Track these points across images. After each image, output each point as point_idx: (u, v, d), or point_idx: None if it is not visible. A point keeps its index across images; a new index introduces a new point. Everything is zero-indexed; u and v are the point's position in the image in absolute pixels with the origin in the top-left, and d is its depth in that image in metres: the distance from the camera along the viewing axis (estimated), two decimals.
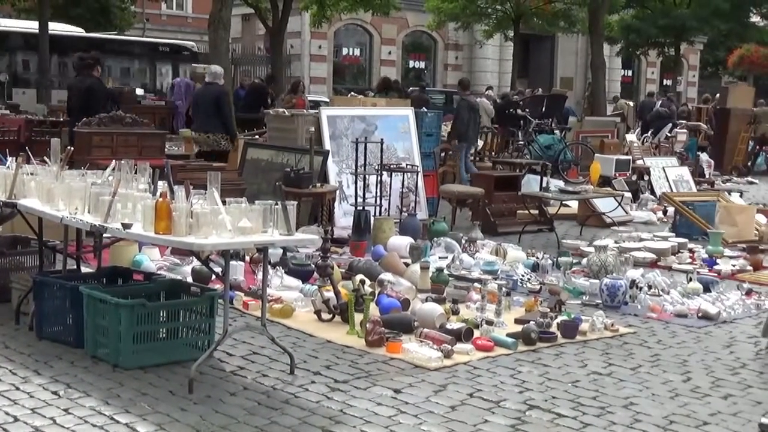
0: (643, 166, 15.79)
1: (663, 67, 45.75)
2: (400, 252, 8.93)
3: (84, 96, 11.88)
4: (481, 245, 9.84)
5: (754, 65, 31.06)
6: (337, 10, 26.94)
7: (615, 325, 6.99)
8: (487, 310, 6.99)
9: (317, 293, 7.04)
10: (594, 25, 24.73)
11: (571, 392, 5.49)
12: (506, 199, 12.00)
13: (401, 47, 40.82)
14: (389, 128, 11.59)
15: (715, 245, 10.28)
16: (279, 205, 5.33)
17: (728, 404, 5.42)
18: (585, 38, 33.80)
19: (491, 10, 31.22)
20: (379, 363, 5.89)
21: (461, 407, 5.13)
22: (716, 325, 7.33)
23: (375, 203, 10.60)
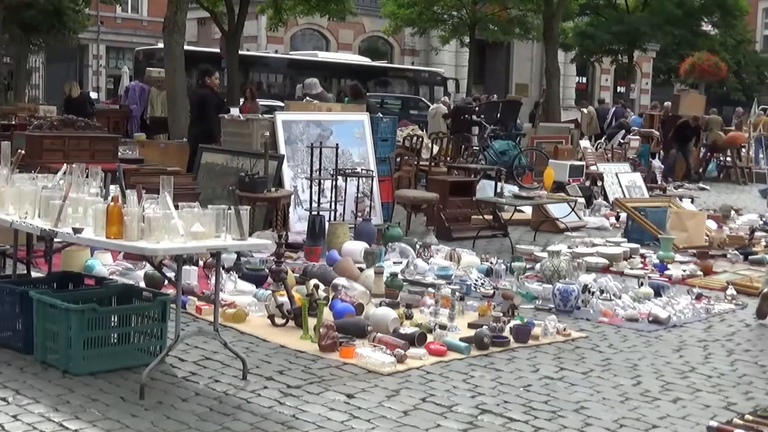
0: (597, 172, 15.93)
1: (617, 75, 46.23)
2: (354, 257, 8.93)
3: (196, 106, 12.49)
4: (435, 250, 9.88)
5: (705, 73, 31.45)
6: (294, 14, 26.90)
7: (567, 330, 7.04)
8: (440, 314, 7.03)
9: (271, 298, 7.02)
10: (548, 31, 24.89)
11: (523, 396, 5.53)
12: (461, 205, 12.05)
13: (358, 52, 40.83)
14: (345, 133, 11.58)
15: (666, 250, 10.40)
16: (232, 210, 5.32)
17: (677, 408, 5.48)
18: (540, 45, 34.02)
19: (447, 16, 31.36)
20: (332, 368, 5.88)
21: (414, 412, 5.14)
22: (666, 329, 7.41)
23: (330, 208, 10.59)
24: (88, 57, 44.33)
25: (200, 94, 12.74)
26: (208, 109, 12.30)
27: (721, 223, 12.77)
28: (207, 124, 12.25)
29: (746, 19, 47.89)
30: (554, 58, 25.28)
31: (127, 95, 24.79)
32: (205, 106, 12.40)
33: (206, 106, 12.39)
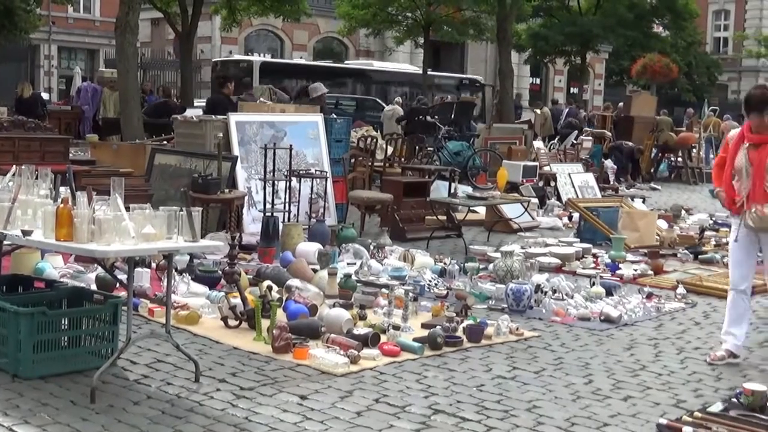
0: (550, 173, 16.05)
1: (570, 76, 46.57)
2: (308, 258, 8.92)
3: (209, 110, 12.81)
4: (389, 251, 9.90)
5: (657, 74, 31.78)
6: (248, 15, 26.80)
7: (520, 329, 7.09)
8: (394, 315, 7.04)
9: (224, 300, 7.00)
10: (502, 33, 25.04)
11: (476, 396, 5.56)
12: (415, 205, 12.08)
13: (312, 53, 40.77)
14: (298, 134, 11.57)
15: (617, 250, 10.51)
16: (184, 212, 5.29)
17: (628, 405, 5.54)
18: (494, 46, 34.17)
19: (402, 17, 31.35)
20: (285, 369, 5.88)
21: (367, 413, 5.15)
22: (618, 328, 7.49)
23: (284, 209, 10.57)
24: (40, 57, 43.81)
25: (213, 99, 13.51)
26: (218, 112, 12.41)
27: (671, 222, 12.93)
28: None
29: (696, 22, 48.47)
30: (508, 59, 25.43)
31: (79, 96, 24.56)
32: (216, 110, 12.55)
33: (217, 110, 12.54)
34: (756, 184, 6.42)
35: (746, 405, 5.41)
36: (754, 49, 51.12)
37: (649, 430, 5.14)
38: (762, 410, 5.34)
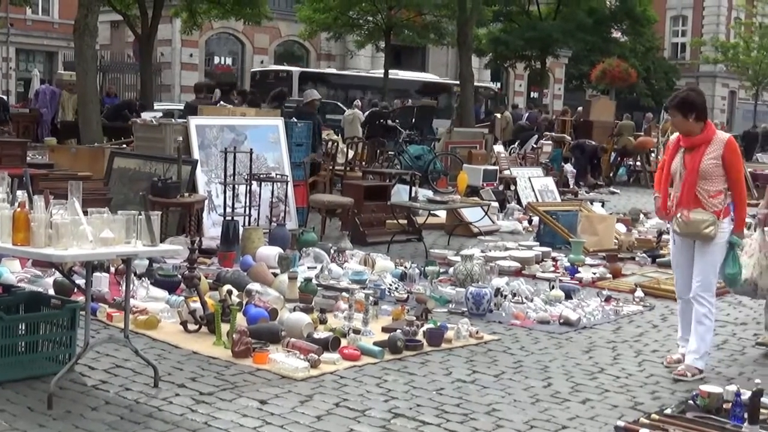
0: (510, 177, 16.13)
1: (530, 80, 46.82)
2: (268, 262, 8.91)
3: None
4: (349, 255, 9.91)
5: (616, 79, 32.08)
6: (208, 18, 26.70)
7: (480, 333, 7.12)
8: (354, 319, 7.05)
9: (183, 304, 6.96)
10: (462, 37, 25.11)
11: (436, 400, 5.58)
12: (375, 209, 12.09)
13: (273, 56, 40.69)
14: (259, 138, 11.54)
15: (576, 254, 10.58)
16: (142, 216, 5.27)
17: (586, 408, 5.59)
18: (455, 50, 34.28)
19: (363, 21, 31.40)
20: (245, 374, 5.86)
21: (327, 417, 5.15)
22: (577, 331, 7.54)
23: (244, 213, 10.54)
24: None
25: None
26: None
27: (630, 226, 13.05)
28: None
29: (655, 27, 49.01)
30: (468, 63, 25.51)
31: (38, 99, 24.31)
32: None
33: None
34: (685, 189, 6.40)
35: (702, 407, 5.46)
36: (711, 54, 51.71)
37: None
38: (718, 412, 5.40)
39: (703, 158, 6.33)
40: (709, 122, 6.51)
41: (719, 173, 6.33)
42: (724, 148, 6.34)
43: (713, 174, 6.32)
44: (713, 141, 6.37)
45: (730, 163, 6.33)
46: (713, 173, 6.32)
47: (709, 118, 6.83)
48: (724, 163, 6.33)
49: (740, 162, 6.49)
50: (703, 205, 6.33)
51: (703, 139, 6.38)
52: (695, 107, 6.40)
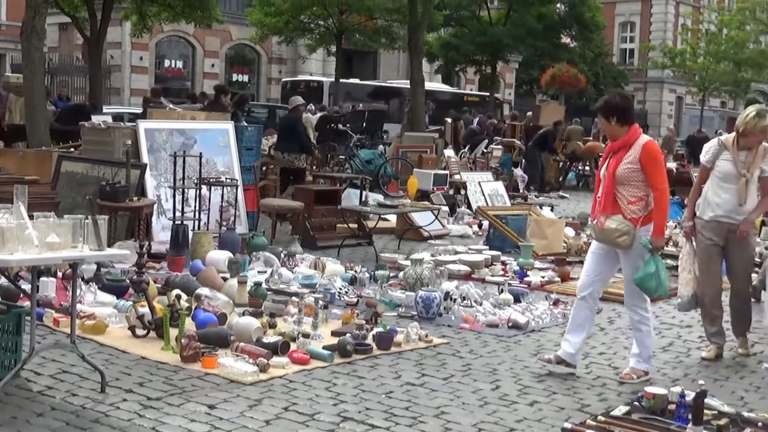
0: (460, 181, 16.20)
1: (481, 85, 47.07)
2: (218, 266, 8.88)
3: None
4: (300, 259, 9.90)
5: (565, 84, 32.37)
6: (159, 20, 26.51)
7: (429, 336, 7.15)
8: (304, 323, 7.05)
9: (131, 309, 6.92)
10: (413, 42, 25.18)
11: (385, 403, 5.60)
12: (326, 213, 12.10)
13: (224, 60, 40.50)
14: (209, 142, 11.49)
15: (526, 257, 10.65)
16: (89, 220, 5.23)
17: (534, 411, 5.64)
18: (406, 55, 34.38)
19: (314, 25, 31.38)
20: (194, 379, 5.84)
21: (276, 421, 5.15)
22: (525, 334, 7.60)
23: (194, 217, 10.49)
24: None
25: (216, 108, 15.16)
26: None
27: (579, 230, 13.15)
28: None
29: (603, 33, 49.53)
30: (419, 67, 25.58)
31: None
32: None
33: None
34: (604, 194, 6.35)
35: (648, 408, 5.54)
36: (659, 60, 52.33)
37: None
38: (663, 413, 5.48)
39: (620, 163, 6.26)
40: (636, 126, 6.38)
41: (638, 178, 6.23)
42: (641, 152, 6.23)
43: (631, 179, 6.23)
44: (633, 145, 6.27)
45: (646, 167, 6.21)
46: (631, 178, 6.23)
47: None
48: (642, 168, 6.22)
49: (658, 167, 6.31)
50: (623, 211, 6.24)
51: (622, 144, 6.31)
52: (616, 110, 6.33)
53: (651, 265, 6.20)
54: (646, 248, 6.19)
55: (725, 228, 7.01)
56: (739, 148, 6.98)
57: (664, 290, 6.40)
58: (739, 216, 6.97)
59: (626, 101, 6.59)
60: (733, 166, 6.95)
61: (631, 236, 6.19)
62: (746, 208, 6.95)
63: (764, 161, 6.96)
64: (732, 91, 51.92)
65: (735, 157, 6.95)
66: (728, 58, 48.22)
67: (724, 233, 7.02)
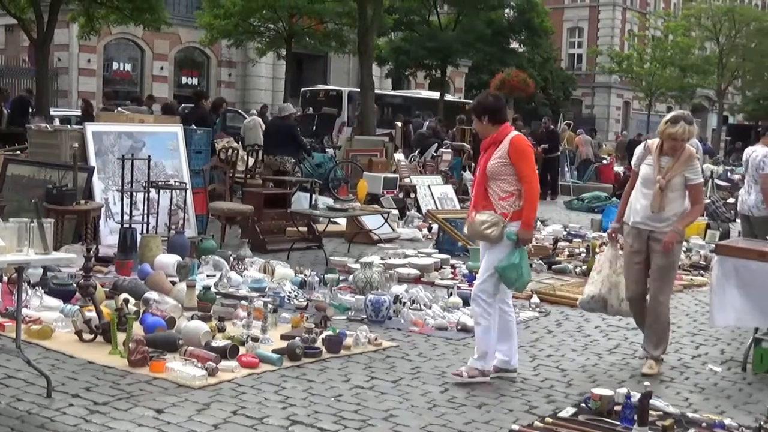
0: (410, 184, 16.24)
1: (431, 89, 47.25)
2: (167, 270, 8.83)
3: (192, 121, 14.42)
4: (249, 263, 9.87)
5: (514, 89, 32.53)
6: (107, 23, 26.26)
7: (378, 339, 7.17)
8: (253, 326, 7.03)
9: (78, 313, 6.85)
10: (363, 46, 25.18)
11: (334, 406, 5.60)
12: (276, 217, 12.07)
13: (174, 63, 40.21)
14: (158, 145, 11.41)
15: (475, 261, 10.67)
16: (35, 223, 5.18)
17: (482, 413, 5.67)
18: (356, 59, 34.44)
19: (264, 28, 31.25)
20: (141, 383, 5.80)
21: (224, 425, 5.13)
22: (473, 337, 7.62)
23: (142, 221, 10.42)
24: None
25: (198, 113, 15.74)
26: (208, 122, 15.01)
27: None
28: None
29: (552, 38, 49.96)
30: (369, 72, 25.59)
31: None
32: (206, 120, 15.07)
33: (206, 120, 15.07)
34: (477, 190, 6.36)
35: (594, 409, 5.60)
36: (606, 65, 52.90)
37: None
38: (609, 414, 5.55)
39: (490, 159, 6.27)
40: (506, 124, 6.37)
41: (508, 173, 6.22)
42: (509, 146, 6.22)
43: (501, 174, 6.22)
44: (502, 141, 6.26)
45: (515, 160, 6.19)
46: (501, 173, 6.22)
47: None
48: (511, 162, 6.20)
49: (526, 160, 6.26)
50: (494, 207, 6.24)
51: (492, 140, 6.31)
52: (488, 110, 6.32)
53: (515, 256, 6.17)
54: (511, 240, 6.15)
55: (645, 235, 6.81)
56: (663, 153, 6.79)
57: (523, 284, 6.40)
58: (655, 223, 6.74)
59: (498, 101, 6.49)
60: (652, 171, 6.76)
61: (499, 228, 6.15)
62: (664, 215, 6.69)
63: (688, 168, 6.72)
64: (678, 97, 52.60)
65: (656, 162, 6.77)
66: (674, 64, 48.93)
67: (644, 239, 6.82)
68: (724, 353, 7.69)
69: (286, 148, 15.07)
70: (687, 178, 6.70)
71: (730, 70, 50.13)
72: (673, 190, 6.68)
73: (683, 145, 6.70)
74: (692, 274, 11.52)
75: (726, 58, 49.15)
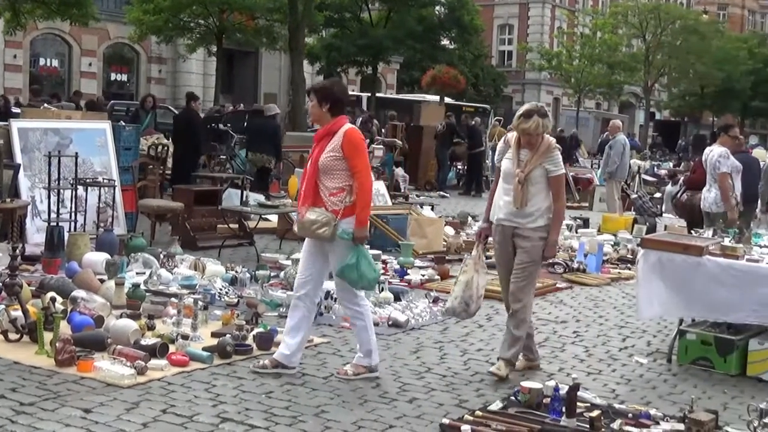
0: None
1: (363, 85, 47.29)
2: (95, 268, 8.73)
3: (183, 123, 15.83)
4: (180, 260, 9.79)
5: (446, 85, 32.71)
6: (33, 17, 25.82)
7: (310, 336, 7.15)
8: (183, 324, 6.98)
9: (4, 313, 6.74)
10: (294, 42, 25.12)
11: (265, 403, 5.59)
12: (207, 214, 11.99)
13: (102, 59, 39.67)
14: (85, 142, 11.26)
15: (406, 256, 10.76)
16: None
17: (413, 407, 5.71)
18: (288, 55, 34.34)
19: (194, 24, 30.97)
20: (69, 383, 5.73)
21: (153, 424, 5.10)
22: (405, 332, 7.69)
23: (70, 219, 10.28)
24: None
25: (187, 116, 16.13)
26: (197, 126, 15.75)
27: (458, 229, 13.35)
28: (195, 138, 15.60)
29: (483, 35, 50.29)
30: (300, 68, 25.53)
31: None
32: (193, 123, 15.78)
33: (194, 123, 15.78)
34: (308, 184, 6.12)
35: (523, 402, 5.67)
36: (536, 62, 53.42)
37: (432, 430, 5.31)
38: (538, 407, 5.62)
39: (323, 152, 6.07)
40: (343, 117, 6.20)
41: (341, 167, 6.04)
42: (342, 139, 6.04)
43: (333, 168, 6.03)
44: (336, 133, 6.07)
45: (348, 154, 6.02)
46: (334, 167, 6.03)
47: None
48: (344, 156, 6.02)
49: (360, 153, 6.08)
50: (324, 203, 6.05)
51: (326, 131, 6.13)
52: (332, 98, 6.12)
53: (352, 257, 6.00)
54: (344, 238, 6.00)
55: (509, 231, 6.53)
56: (522, 146, 6.49)
57: (368, 282, 6.17)
58: (518, 219, 6.46)
59: (344, 94, 6.30)
60: (512, 166, 6.48)
61: (331, 227, 5.97)
62: (527, 210, 6.41)
63: (548, 159, 6.42)
64: (606, 93, 53.39)
65: (515, 156, 6.48)
66: (602, 61, 49.56)
67: (509, 237, 6.54)
68: (651, 345, 7.83)
69: (268, 146, 15.88)
70: (547, 170, 6.41)
71: (656, 68, 50.91)
72: (533, 183, 6.39)
73: (539, 140, 6.43)
74: (619, 268, 11.70)
75: (652, 56, 49.91)
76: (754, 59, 58.06)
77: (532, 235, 6.44)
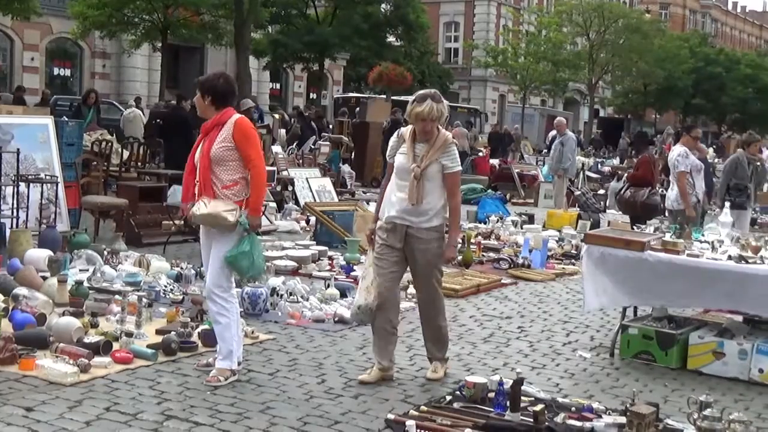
0: (288, 177, 16.21)
1: (309, 81, 47.22)
2: (38, 265, 8.62)
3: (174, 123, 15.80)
4: (124, 257, 9.71)
5: (392, 82, 32.77)
6: None
7: (255, 333, 7.16)
8: (127, 322, 6.94)
9: None
10: (239, 38, 25.01)
11: (210, 400, 5.57)
12: (151, 210, 11.90)
13: (45, 54, 39.14)
14: (27, 137, 11.10)
15: (352, 252, 10.76)
16: None
17: (359, 403, 5.72)
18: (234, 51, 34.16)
19: (139, 19, 30.67)
20: (10, 381, 5.66)
21: (97, 422, 5.06)
22: (351, 328, 7.68)
23: (11, 215, 10.14)
24: None
25: (181, 114, 16.20)
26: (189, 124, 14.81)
27: None
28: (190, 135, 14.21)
29: (429, 33, 50.44)
30: (246, 64, 25.43)
31: None
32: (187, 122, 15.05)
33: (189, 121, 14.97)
34: (203, 177, 5.96)
35: (468, 397, 5.71)
36: (482, 59, 53.69)
37: (378, 425, 5.33)
38: (483, 401, 5.66)
39: (214, 143, 5.93)
40: (230, 108, 6.08)
41: (233, 158, 5.92)
42: (233, 128, 5.92)
43: (226, 159, 5.91)
44: (225, 124, 5.95)
45: (240, 144, 5.90)
46: (226, 158, 5.91)
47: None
48: (236, 146, 5.90)
49: (252, 143, 5.96)
50: (218, 196, 5.91)
51: (214, 123, 5.99)
52: (215, 92, 5.99)
53: (246, 244, 5.89)
54: (243, 227, 5.90)
55: (402, 230, 6.17)
56: (417, 140, 6.19)
57: (258, 270, 6.10)
58: (413, 217, 6.14)
59: (228, 87, 6.10)
60: (407, 161, 6.14)
61: (237, 213, 5.85)
62: (422, 208, 6.10)
63: (445, 154, 6.15)
64: (551, 90, 53.80)
65: (410, 150, 6.17)
66: (547, 59, 49.94)
67: (401, 235, 6.19)
68: (594, 339, 7.92)
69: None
70: (444, 165, 6.13)
71: (600, 65, 51.37)
72: (429, 179, 6.10)
73: (434, 128, 6.14)
74: (564, 263, 11.81)
75: (596, 54, 50.35)
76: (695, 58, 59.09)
77: (427, 236, 6.17)
